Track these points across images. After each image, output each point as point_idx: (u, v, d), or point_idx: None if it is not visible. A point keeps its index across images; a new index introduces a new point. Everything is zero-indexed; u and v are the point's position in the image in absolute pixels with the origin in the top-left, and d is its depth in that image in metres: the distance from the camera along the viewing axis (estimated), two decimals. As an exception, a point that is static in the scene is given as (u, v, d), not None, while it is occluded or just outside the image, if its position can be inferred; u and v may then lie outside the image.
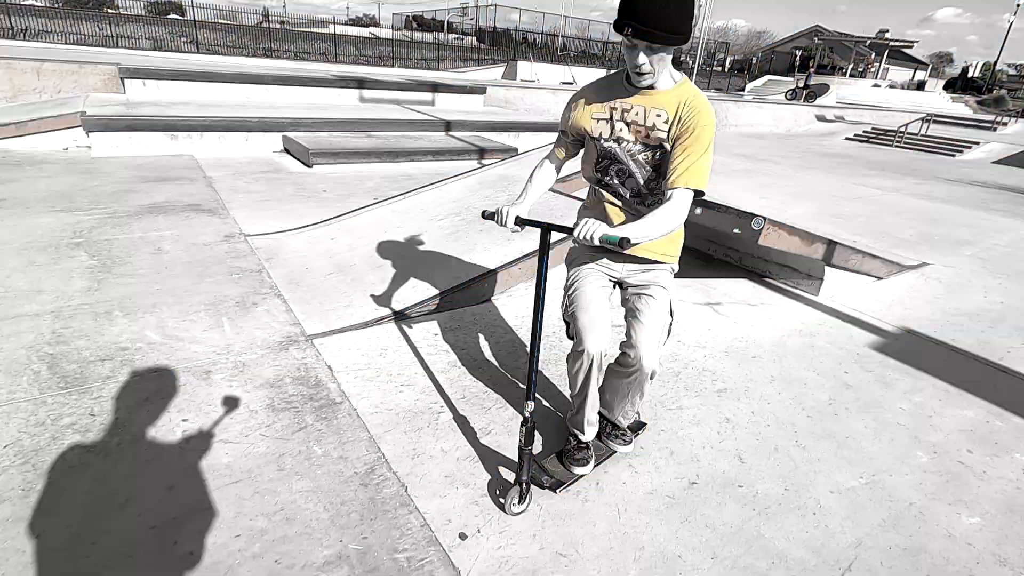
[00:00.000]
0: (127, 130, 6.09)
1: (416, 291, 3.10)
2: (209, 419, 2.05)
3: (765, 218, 3.01)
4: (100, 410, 2.05)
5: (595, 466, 1.92)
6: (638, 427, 2.17)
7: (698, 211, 3.37)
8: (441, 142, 7.59)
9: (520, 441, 1.72)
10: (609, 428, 2.02)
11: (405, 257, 3.52)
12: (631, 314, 1.76)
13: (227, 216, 4.33)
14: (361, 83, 9.63)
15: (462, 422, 2.16)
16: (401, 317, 2.92)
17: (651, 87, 1.58)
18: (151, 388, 2.19)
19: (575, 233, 1.49)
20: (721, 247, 4.25)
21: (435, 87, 10.41)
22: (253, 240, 3.87)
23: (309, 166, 6.22)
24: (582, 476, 1.88)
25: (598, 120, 1.69)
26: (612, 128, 1.67)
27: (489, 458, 1.98)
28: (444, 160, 7.09)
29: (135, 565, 1.48)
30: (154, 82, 7.88)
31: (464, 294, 3.14)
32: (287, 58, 18.19)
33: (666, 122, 1.57)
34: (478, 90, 10.90)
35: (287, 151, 6.93)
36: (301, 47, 20.25)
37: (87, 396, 2.11)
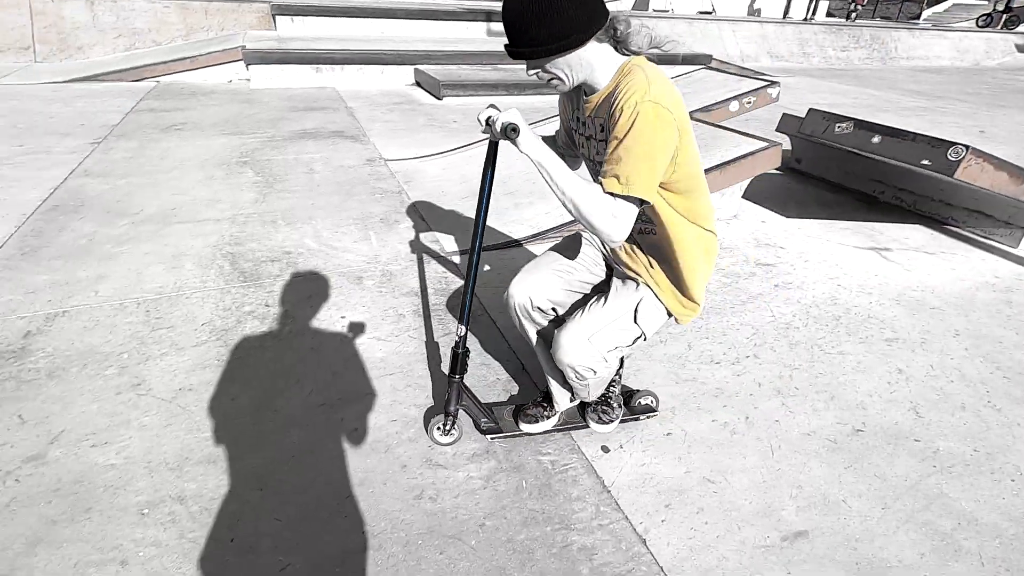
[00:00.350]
0: (279, 63, 6.53)
1: (549, 216, 3.05)
2: (364, 317, 2.20)
3: (967, 146, 2.53)
4: (272, 302, 2.27)
5: (552, 431, 1.69)
6: (644, 410, 1.77)
7: (875, 139, 2.92)
8: (568, 75, 7.30)
9: (448, 368, 1.60)
10: (597, 400, 1.70)
11: (535, 182, 3.47)
12: (582, 302, 1.57)
13: (367, 142, 4.53)
14: (489, 15, 9.47)
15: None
16: (533, 240, 2.90)
17: (589, 94, 1.30)
18: (313, 287, 2.39)
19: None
20: (891, 188, 3.70)
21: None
22: (392, 165, 4.02)
23: (439, 98, 6.30)
24: (525, 433, 1.66)
25: (569, 132, 1.51)
26: (578, 144, 1.47)
27: (629, 380, 1.93)
28: (571, 93, 6.83)
29: (311, 433, 1.64)
30: (300, 18, 8.32)
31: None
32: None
33: (603, 130, 1.29)
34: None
35: (418, 84, 7.06)
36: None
37: (262, 290, 2.35)
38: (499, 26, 9.45)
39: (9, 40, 7.04)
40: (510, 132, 1.21)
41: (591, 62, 1.24)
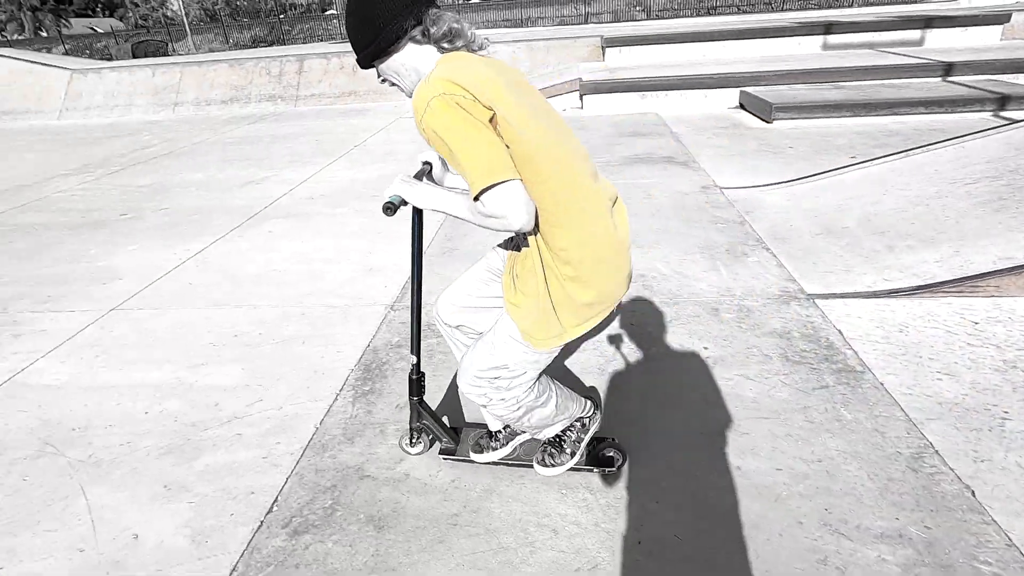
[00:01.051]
0: (609, 92, 7.08)
1: (940, 266, 2.57)
2: (727, 352, 2.19)
3: None
4: (637, 321, 2.45)
5: (499, 462, 1.69)
6: (604, 462, 1.66)
7: None
8: (936, 90, 6.08)
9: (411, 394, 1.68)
10: (548, 440, 1.64)
11: (914, 222, 2.96)
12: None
13: (698, 168, 4.55)
14: (828, 28, 8.55)
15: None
16: (920, 292, 2.48)
17: None
18: (671, 313, 2.49)
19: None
20: None
21: (927, 22, 8.36)
22: (728, 193, 3.95)
23: (768, 121, 5.94)
24: (474, 460, 1.70)
25: None
26: None
27: (1102, 499, 1.48)
28: (940, 112, 5.67)
29: (692, 456, 1.70)
30: (627, 48, 8.87)
31: (1017, 279, 2.43)
32: (730, 12, 17.81)
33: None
34: (995, 19, 8.22)
35: (742, 106, 6.80)
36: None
37: (626, 309, 2.56)
38: (838, 39, 8.47)
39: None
40: (400, 205, 1.30)
41: (415, 66, 1.22)
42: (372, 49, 1.20)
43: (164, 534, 1.56)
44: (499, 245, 1.57)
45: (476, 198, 1.10)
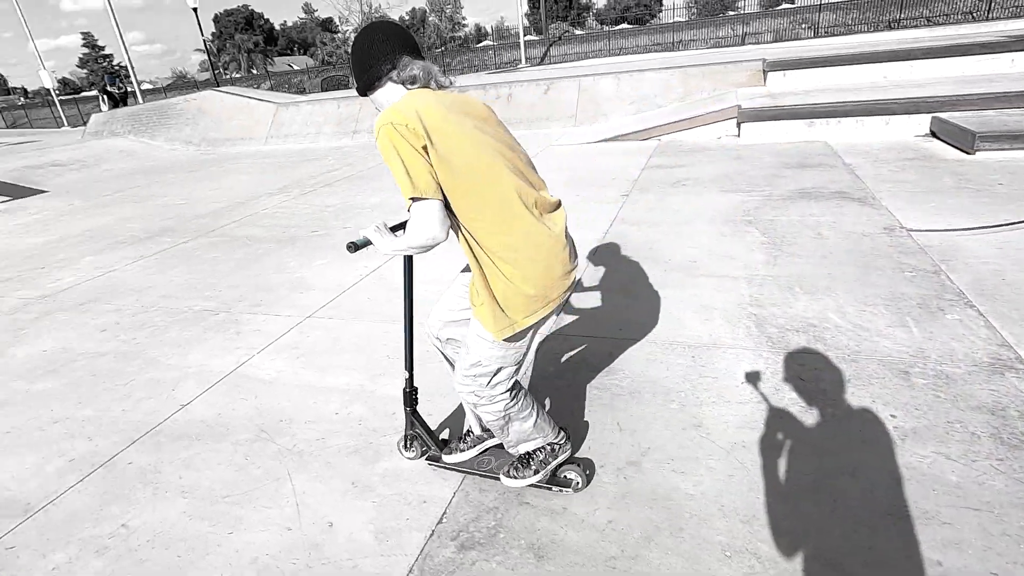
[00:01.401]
0: (771, 120, 6.68)
1: None
2: (920, 424, 1.95)
3: None
4: (807, 376, 2.28)
5: (462, 466, 1.95)
6: (562, 483, 1.82)
7: None
8: None
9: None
10: (519, 456, 1.84)
11: None
12: None
13: (879, 206, 4.10)
14: (1053, 41, 7.26)
15: None
16: None
17: None
18: (849, 371, 2.28)
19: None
20: None
21: None
22: (918, 236, 3.51)
23: (969, 152, 5.18)
24: (446, 464, 1.97)
25: None
26: None
27: None
28: None
29: (878, 539, 1.54)
30: (792, 72, 8.31)
31: None
32: (917, 26, 15.82)
33: None
34: None
35: (934, 135, 6.00)
36: (937, 9, 17.17)
37: (793, 361, 2.39)
38: (1070, 53, 7.16)
39: (562, 112, 9.55)
40: (363, 246, 1.59)
41: (389, 99, 1.54)
42: (362, 85, 1.58)
43: (353, 527, 1.78)
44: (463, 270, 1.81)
45: (408, 208, 1.44)
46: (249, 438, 2.29)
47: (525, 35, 23.37)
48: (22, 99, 50.88)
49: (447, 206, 1.44)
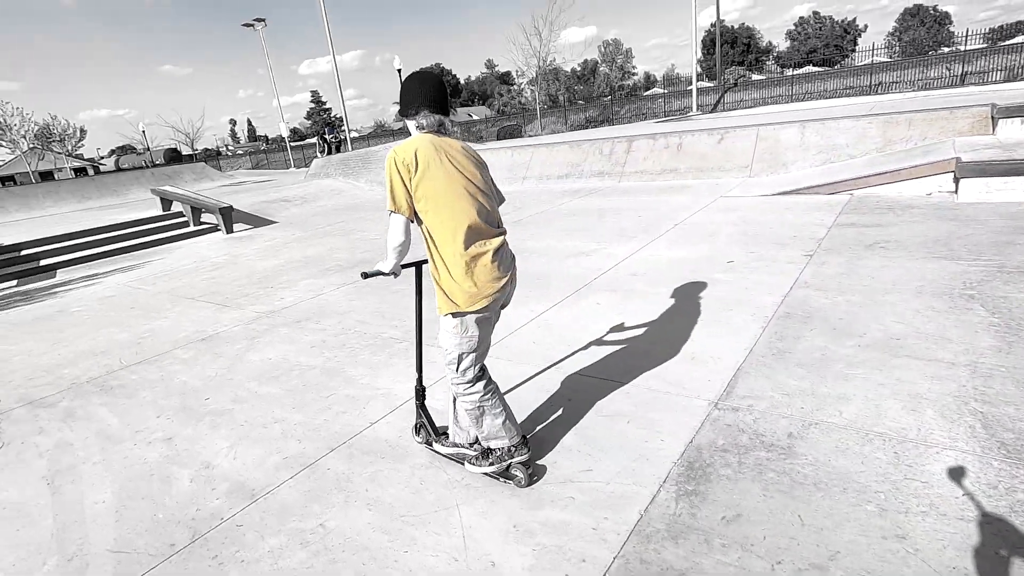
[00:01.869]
0: (1003, 175, 5.67)
1: None
2: None
3: None
4: (1060, 502, 1.85)
5: (438, 452, 2.52)
6: (508, 476, 2.30)
7: None
8: None
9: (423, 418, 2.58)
10: (480, 449, 2.37)
11: None
12: None
13: None
14: None
15: None
16: None
17: None
18: (1126, 504, 1.81)
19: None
20: None
21: None
22: None
23: None
24: (435, 450, 2.53)
25: None
26: None
27: None
28: None
29: None
30: (1034, 118, 7.00)
31: None
32: None
33: None
34: None
35: None
36: None
37: (1038, 477, 1.96)
38: None
39: (735, 161, 9.15)
40: (374, 275, 2.23)
41: (410, 131, 2.23)
42: (400, 112, 2.22)
43: (514, 571, 1.85)
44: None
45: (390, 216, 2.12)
46: (424, 463, 2.51)
47: (697, 81, 22.94)
48: (264, 145, 63.82)
49: (419, 220, 2.10)
